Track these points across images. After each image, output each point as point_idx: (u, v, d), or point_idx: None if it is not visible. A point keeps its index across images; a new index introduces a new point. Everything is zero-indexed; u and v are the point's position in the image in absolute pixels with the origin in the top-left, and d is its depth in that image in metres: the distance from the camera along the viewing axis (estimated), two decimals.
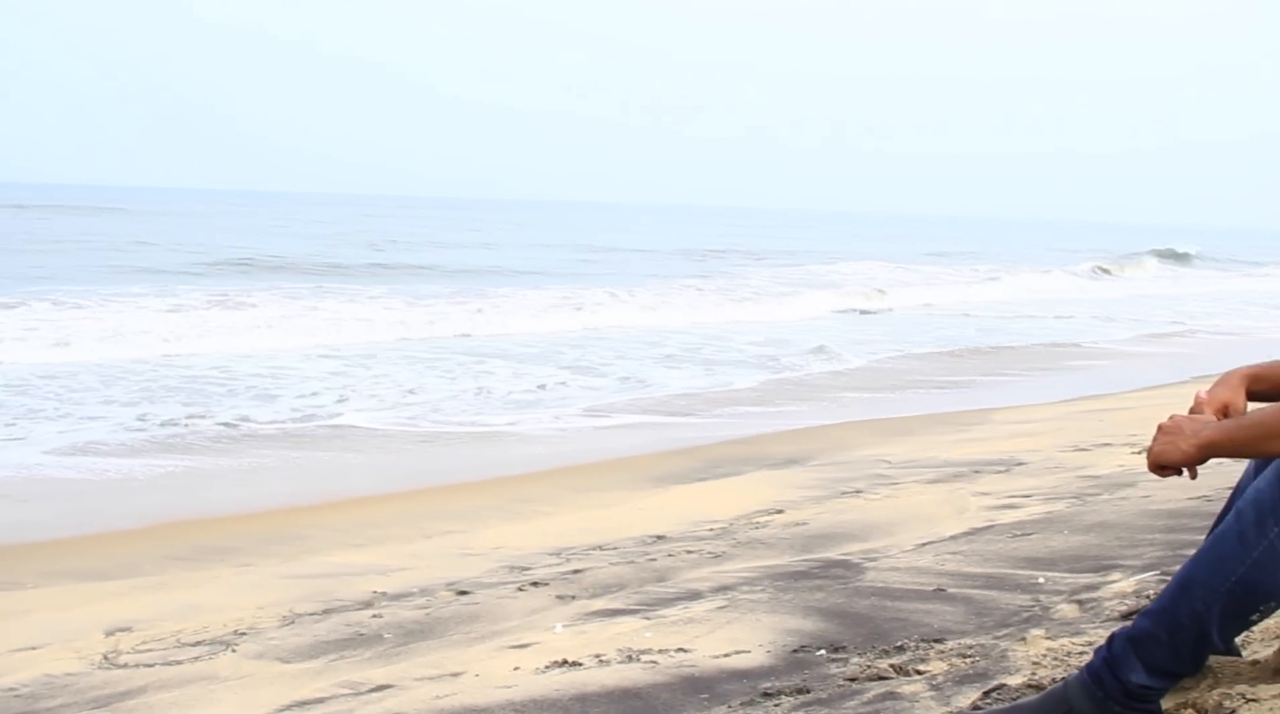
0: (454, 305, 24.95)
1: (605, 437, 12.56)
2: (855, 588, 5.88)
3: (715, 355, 19.82)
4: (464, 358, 18.54)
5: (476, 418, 13.58)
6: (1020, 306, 31.75)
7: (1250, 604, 2.80)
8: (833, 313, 27.98)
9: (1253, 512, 2.80)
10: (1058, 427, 12.10)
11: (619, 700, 4.50)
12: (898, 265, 47.26)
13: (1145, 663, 2.86)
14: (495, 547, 8.04)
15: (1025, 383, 17.23)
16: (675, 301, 28.34)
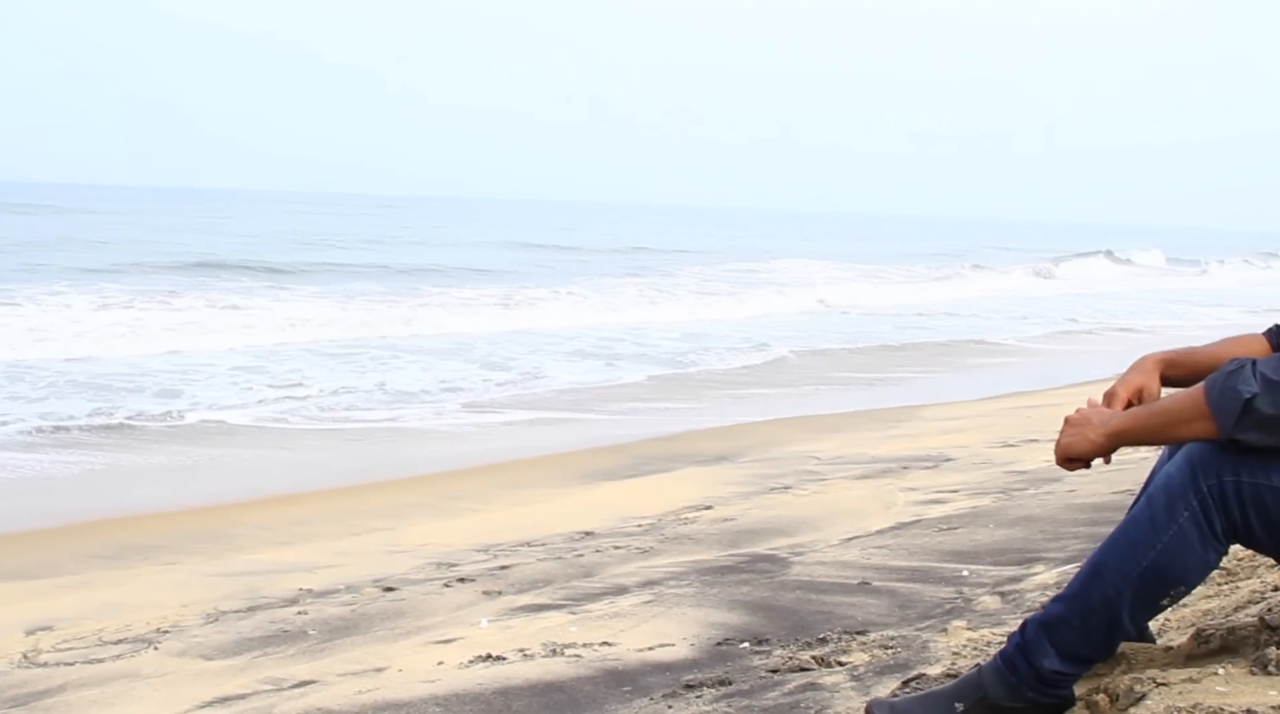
0: (385, 304, 24.86)
1: (501, 431, 12.58)
2: (781, 582, 5.89)
3: (626, 351, 19.88)
4: (378, 353, 18.53)
5: (349, 413, 13.56)
6: (950, 306, 31.90)
7: (1161, 589, 2.81)
8: (763, 311, 27.93)
9: (1163, 496, 2.81)
10: (986, 423, 12.19)
11: (541, 693, 4.49)
12: (839, 264, 47.45)
13: (1058, 648, 2.87)
14: (423, 544, 8.00)
15: (924, 380, 17.39)
16: (613, 300, 28.32)
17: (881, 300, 32.56)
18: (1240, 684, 2.65)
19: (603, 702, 4.34)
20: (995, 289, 40.12)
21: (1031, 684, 2.88)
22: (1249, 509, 2.74)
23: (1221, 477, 2.74)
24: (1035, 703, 2.90)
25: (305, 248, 44.87)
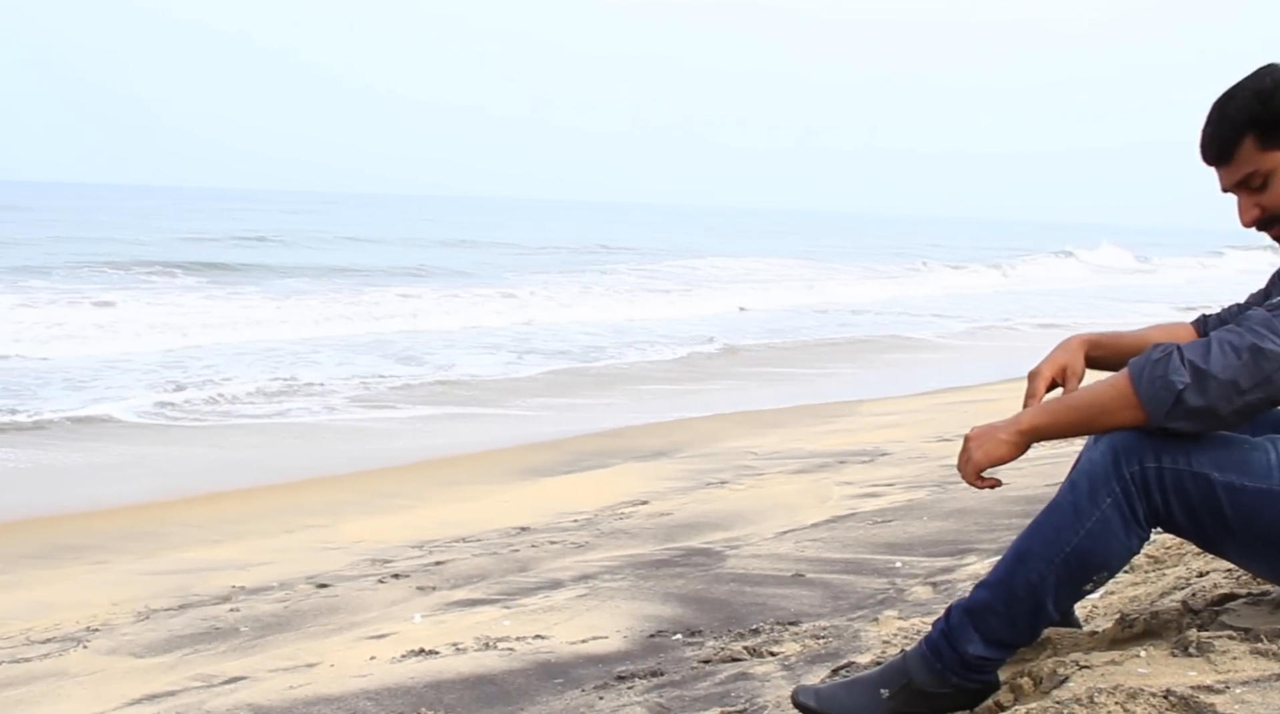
0: (320, 302, 24.73)
1: (427, 427, 12.55)
2: (715, 575, 5.90)
3: (542, 345, 19.91)
4: (298, 349, 18.48)
5: (260, 410, 13.52)
6: (889, 303, 31.99)
7: (1084, 574, 2.82)
8: (689, 308, 27.82)
9: (1086, 482, 2.81)
10: (922, 418, 12.25)
11: (473, 687, 4.48)
12: (779, 261, 47.51)
13: (982, 634, 2.87)
14: (357, 540, 7.96)
15: (837, 376, 17.49)
16: (545, 296, 28.25)
17: (819, 297, 32.55)
18: (1161, 666, 2.67)
19: (534, 693, 4.33)
20: (949, 286, 40.28)
21: (956, 669, 2.88)
22: (1170, 495, 2.75)
23: (1144, 463, 2.75)
24: (960, 688, 2.90)
25: (246, 246, 44.41)
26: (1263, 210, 2.93)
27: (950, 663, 2.88)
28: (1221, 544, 2.86)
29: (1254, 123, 2.88)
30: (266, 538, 8.19)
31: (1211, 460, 2.74)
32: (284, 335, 20.11)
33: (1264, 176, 2.90)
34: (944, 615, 2.95)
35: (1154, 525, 2.82)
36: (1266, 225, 2.96)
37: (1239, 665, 2.57)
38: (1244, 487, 2.73)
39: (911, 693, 2.93)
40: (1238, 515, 2.73)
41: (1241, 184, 2.94)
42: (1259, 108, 2.87)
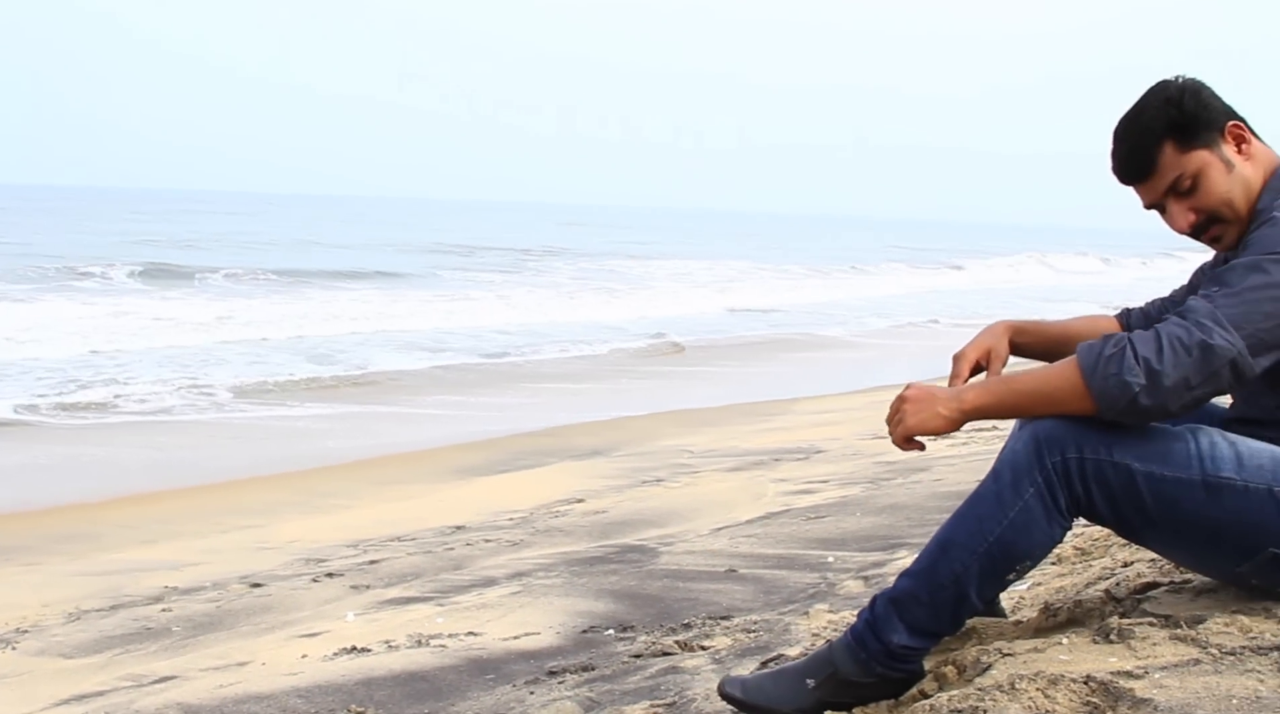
0: (244, 302, 24.61)
1: (374, 426, 12.50)
2: (649, 571, 5.91)
3: (455, 343, 19.90)
4: (214, 349, 18.40)
5: (170, 410, 13.47)
6: (823, 305, 32.00)
7: (1007, 564, 2.84)
8: (607, 309, 27.65)
9: (1009, 473, 2.83)
10: (858, 416, 12.30)
11: (404, 683, 4.47)
12: (715, 262, 47.54)
13: (906, 623, 2.88)
14: (291, 540, 7.92)
15: (739, 373, 17.60)
16: (487, 297, 28.19)
17: (754, 298, 32.53)
18: (1082, 653, 2.69)
19: (465, 689, 4.33)
20: (900, 286, 40.44)
21: (881, 659, 2.90)
22: (1092, 485, 2.77)
23: (1065, 453, 2.77)
24: (885, 677, 2.92)
25: (175, 248, 43.85)
26: (1198, 213, 2.98)
27: (875, 652, 2.90)
28: (1142, 533, 2.89)
29: (1171, 128, 2.94)
30: (200, 538, 8.13)
31: (1133, 451, 2.77)
32: (213, 336, 19.90)
33: (1192, 177, 2.95)
34: (869, 605, 2.96)
35: (1076, 515, 2.84)
36: (1204, 227, 3.01)
37: (1158, 651, 2.60)
38: (1164, 476, 2.76)
39: (837, 682, 2.94)
40: (1158, 505, 2.77)
41: (1170, 191, 2.98)
42: (1173, 112, 2.94)
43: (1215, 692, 2.33)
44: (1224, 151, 2.96)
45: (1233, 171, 2.96)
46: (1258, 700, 2.28)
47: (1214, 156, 2.95)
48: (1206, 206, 2.97)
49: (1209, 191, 2.95)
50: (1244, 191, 2.96)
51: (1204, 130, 2.95)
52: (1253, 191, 2.97)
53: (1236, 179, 2.96)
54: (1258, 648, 2.50)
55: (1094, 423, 2.80)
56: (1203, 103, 2.96)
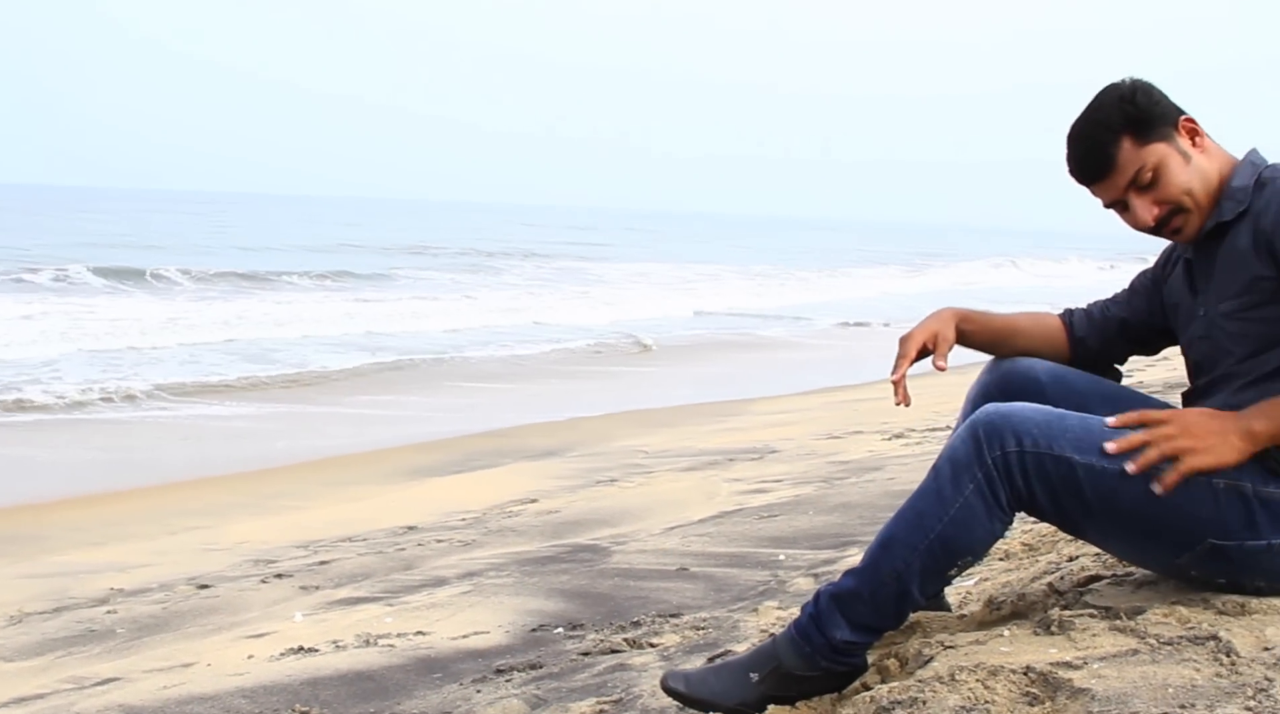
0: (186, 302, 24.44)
1: (325, 427, 12.43)
2: (600, 570, 5.89)
3: (411, 344, 19.79)
4: (157, 349, 18.28)
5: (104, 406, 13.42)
6: (785, 308, 32.01)
7: (949, 560, 2.85)
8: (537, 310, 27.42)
9: (949, 469, 2.84)
10: (813, 416, 12.33)
11: (351, 683, 4.43)
12: (675, 265, 47.51)
13: (849, 619, 2.88)
14: (241, 541, 7.85)
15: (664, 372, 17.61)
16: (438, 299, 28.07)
17: (725, 302, 32.46)
18: (1023, 644, 2.69)
19: (412, 688, 4.30)
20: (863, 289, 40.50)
21: (825, 654, 2.89)
22: (1033, 478, 2.78)
23: (1005, 447, 2.78)
24: (829, 671, 2.92)
25: (128, 250, 43.33)
26: (1161, 205, 3.01)
27: (819, 647, 2.89)
28: (1082, 527, 2.90)
29: (1127, 123, 2.98)
30: (148, 540, 8.04)
31: (1072, 443, 2.78)
32: (156, 336, 19.68)
33: (1152, 169, 2.98)
34: (812, 600, 2.96)
35: (1018, 509, 2.85)
36: (1168, 220, 3.04)
37: (1098, 642, 2.60)
38: (1104, 469, 2.77)
39: (781, 676, 2.94)
40: (1098, 497, 2.77)
41: (1131, 186, 3.01)
42: (1129, 108, 2.99)
43: (1152, 681, 2.33)
44: (1180, 144, 3.01)
45: (1190, 163, 3.01)
46: (1193, 689, 2.28)
47: (1171, 148, 3.00)
48: (1169, 197, 3.00)
49: (1170, 182, 2.99)
50: (1202, 182, 3.01)
51: (1159, 124, 3.00)
52: (1211, 183, 3.02)
53: (1194, 170, 3.01)
54: (1194, 638, 2.50)
55: (1035, 415, 2.80)
56: (1155, 99, 3.02)
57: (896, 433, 9.87)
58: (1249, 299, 2.94)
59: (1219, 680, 2.30)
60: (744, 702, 2.95)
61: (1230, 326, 2.99)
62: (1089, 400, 3.19)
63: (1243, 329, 2.96)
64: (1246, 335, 2.96)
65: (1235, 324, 2.98)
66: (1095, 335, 3.44)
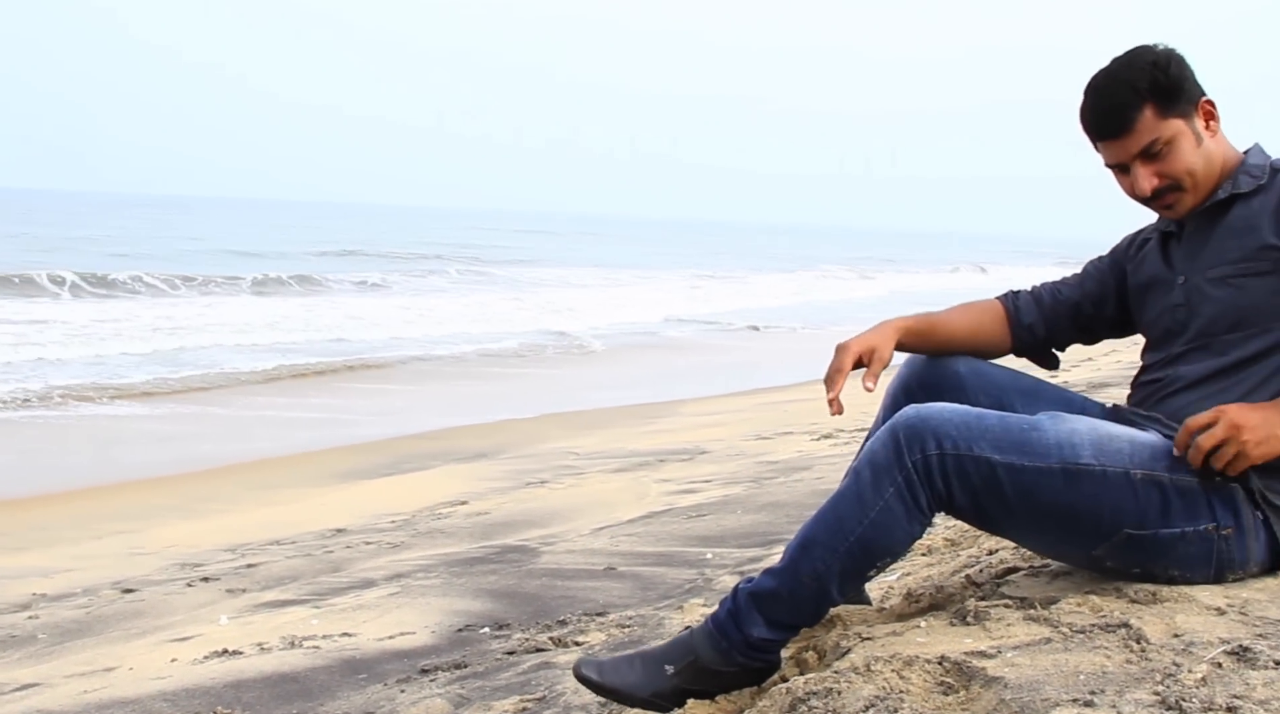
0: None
1: (269, 430, 12.33)
2: (528, 570, 5.88)
3: (313, 346, 19.77)
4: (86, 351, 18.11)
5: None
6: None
7: (868, 561, 2.84)
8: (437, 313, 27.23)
9: (869, 471, 2.83)
10: (743, 417, 12.37)
11: (274, 684, 4.41)
12: (600, 271, 47.37)
13: (766, 617, 2.88)
14: (168, 545, 7.78)
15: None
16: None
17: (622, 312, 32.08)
18: (939, 635, 2.71)
19: (335, 689, 4.28)
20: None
21: (741, 650, 2.89)
22: (953, 480, 2.79)
23: (926, 450, 2.79)
24: (745, 667, 2.91)
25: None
26: (1162, 178, 3.02)
27: (735, 643, 2.89)
28: (1002, 524, 2.92)
29: (1155, 90, 2.97)
30: (72, 544, 7.95)
31: (992, 443, 2.79)
32: (82, 339, 19.45)
33: (1165, 143, 2.99)
34: (730, 595, 2.95)
35: (937, 510, 2.86)
36: (1164, 194, 3.05)
37: (1012, 631, 2.62)
38: (1023, 467, 2.78)
39: (697, 670, 2.92)
40: (1017, 495, 2.79)
41: (1141, 154, 3.01)
42: (1160, 75, 2.97)
43: (1064, 668, 2.35)
44: (1196, 124, 3.02)
45: (1200, 145, 3.02)
46: (1103, 675, 2.30)
47: (1188, 127, 3.01)
48: (1173, 174, 3.02)
49: (1178, 160, 3.00)
50: (1206, 165, 3.03)
51: (1183, 100, 3.00)
52: (1214, 167, 3.04)
53: (1202, 153, 3.02)
54: (1106, 625, 2.53)
55: (954, 416, 2.82)
56: (1185, 73, 3.02)
57: (825, 433, 9.92)
58: (1247, 266, 2.96)
59: (1129, 667, 2.33)
60: (658, 693, 2.94)
61: (1216, 292, 3.01)
62: (1008, 395, 3.21)
63: (1228, 295, 2.98)
64: (1230, 303, 2.98)
65: (1222, 290, 3.00)
66: (1043, 321, 3.42)
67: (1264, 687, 2.16)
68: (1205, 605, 2.62)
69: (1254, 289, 2.95)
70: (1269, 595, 2.68)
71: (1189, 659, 2.31)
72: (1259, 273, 2.94)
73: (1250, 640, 2.36)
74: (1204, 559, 2.84)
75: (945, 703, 2.35)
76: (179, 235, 58.91)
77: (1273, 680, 2.18)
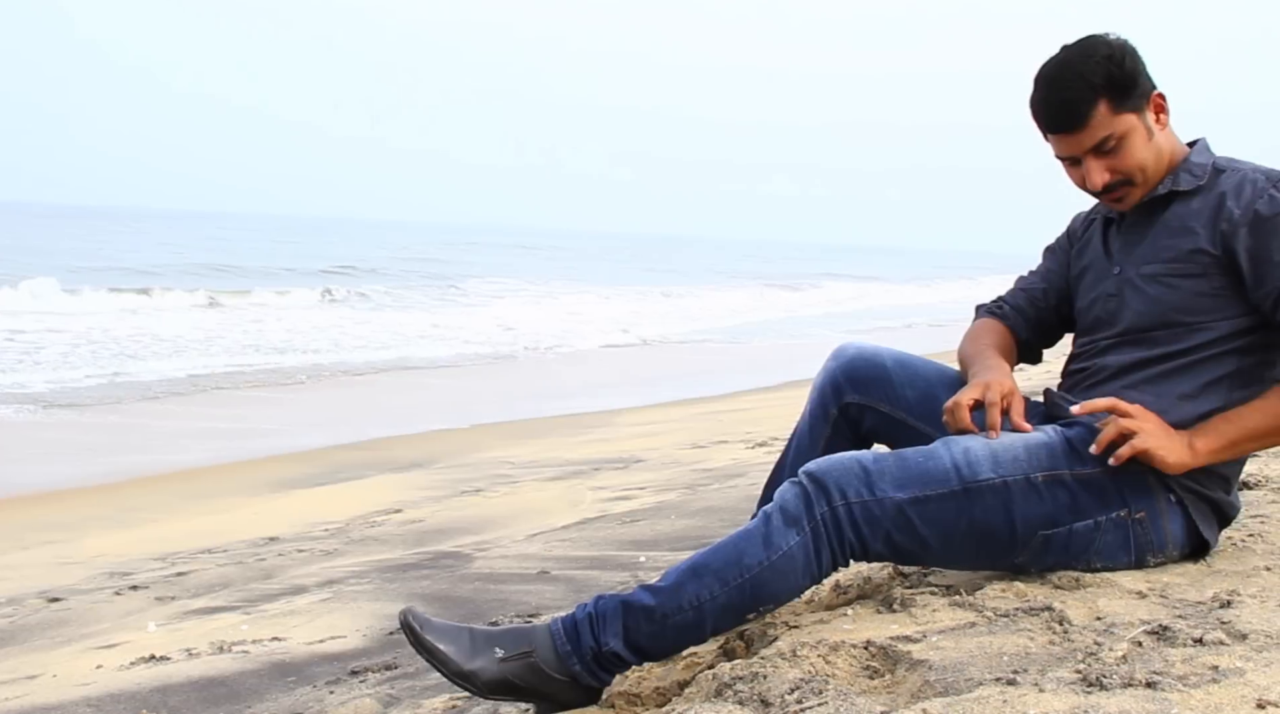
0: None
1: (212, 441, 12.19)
2: (461, 575, 5.85)
3: (249, 354, 19.63)
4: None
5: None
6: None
7: (753, 604, 2.80)
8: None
9: (779, 517, 2.81)
10: (678, 427, 12.37)
11: (202, 688, 4.36)
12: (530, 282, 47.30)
13: (626, 632, 2.81)
14: (97, 555, 7.67)
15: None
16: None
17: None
18: (866, 622, 2.73)
19: (264, 692, 4.24)
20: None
21: (584, 659, 2.82)
22: (862, 527, 2.78)
23: (832, 502, 2.78)
24: (575, 680, 2.84)
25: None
26: (1114, 173, 3.02)
27: (582, 650, 2.83)
28: (921, 557, 2.92)
29: (1110, 85, 2.95)
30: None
31: (892, 483, 2.80)
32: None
33: (1118, 139, 2.98)
34: (592, 601, 2.89)
35: (849, 561, 2.85)
36: (1115, 188, 3.05)
37: (938, 617, 2.65)
38: (928, 497, 2.80)
39: (527, 665, 2.84)
40: (928, 526, 2.80)
41: (1094, 149, 3.00)
42: (1114, 70, 2.95)
43: (988, 650, 2.37)
44: (1148, 118, 3.02)
45: (1152, 139, 3.02)
46: (1027, 655, 2.33)
47: (1140, 122, 3.01)
48: (1124, 169, 3.02)
49: (1130, 155, 3.00)
50: (1155, 160, 3.04)
51: (1137, 94, 3.00)
52: (1162, 161, 3.05)
53: (1153, 148, 3.03)
54: (1029, 609, 2.56)
55: (852, 466, 2.82)
56: (1139, 66, 3.01)
57: (760, 441, 9.94)
58: (1178, 267, 2.98)
59: (1052, 647, 2.36)
60: (472, 671, 2.84)
61: (1148, 288, 3.03)
62: (934, 385, 3.23)
63: (1159, 293, 3.00)
64: (1159, 300, 3.00)
65: (1154, 287, 3.02)
66: (1036, 334, 3.45)
67: (1183, 663, 2.19)
68: (1127, 590, 2.66)
69: (1184, 289, 2.97)
70: (1189, 579, 2.72)
71: (1110, 639, 2.34)
72: (1189, 274, 2.97)
73: (1170, 621, 2.40)
74: (1123, 546, 2.87)
75: (871, 686, 2.37)
76: (121, 247, 58.44)
77: (1191, 657, 2.21)
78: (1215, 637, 2.27)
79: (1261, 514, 3.42)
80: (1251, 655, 2.21)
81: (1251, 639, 2.28)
